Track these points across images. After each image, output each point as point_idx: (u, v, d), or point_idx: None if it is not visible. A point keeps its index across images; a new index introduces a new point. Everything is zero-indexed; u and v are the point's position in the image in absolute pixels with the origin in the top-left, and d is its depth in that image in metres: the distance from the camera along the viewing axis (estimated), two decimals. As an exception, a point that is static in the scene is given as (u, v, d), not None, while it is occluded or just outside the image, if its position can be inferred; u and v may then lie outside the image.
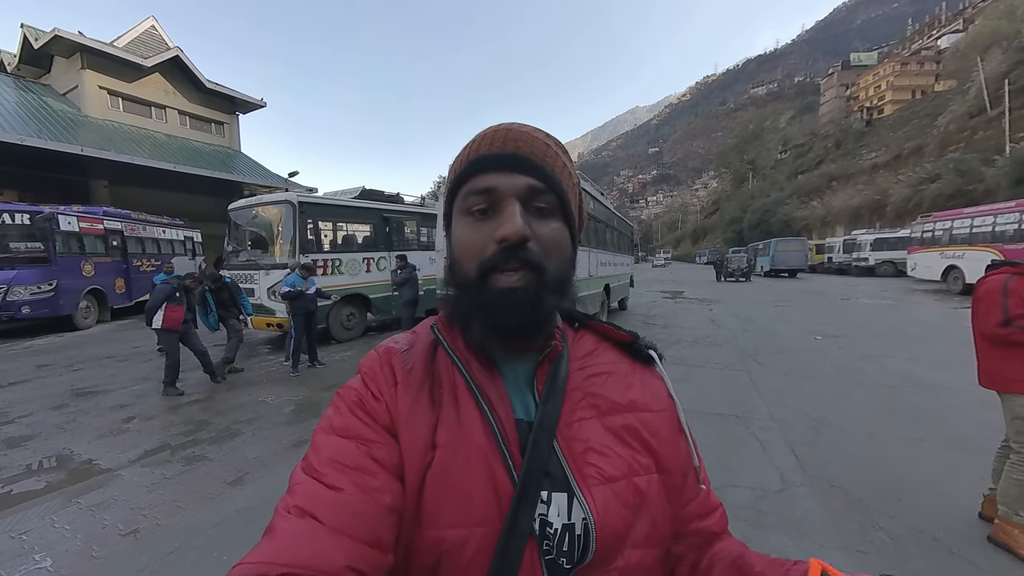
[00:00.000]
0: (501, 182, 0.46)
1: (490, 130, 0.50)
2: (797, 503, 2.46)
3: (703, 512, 0.53)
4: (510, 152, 0.47)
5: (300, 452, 3.34)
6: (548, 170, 0.48)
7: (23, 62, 16.57)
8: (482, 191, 0.47)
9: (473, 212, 0.47)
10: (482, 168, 0.47)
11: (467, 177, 0.48)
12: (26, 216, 8.64)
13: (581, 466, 0.46)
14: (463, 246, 0.48)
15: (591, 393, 0.50)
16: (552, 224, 0.48)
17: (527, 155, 0.47)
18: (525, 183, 0.46)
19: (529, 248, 0.45)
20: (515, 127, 0.49)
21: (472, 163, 0.48)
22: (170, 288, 4.87)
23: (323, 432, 0.46)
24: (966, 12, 64.72)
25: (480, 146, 0.49)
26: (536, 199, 0.47)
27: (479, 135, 0.50)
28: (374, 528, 0.40)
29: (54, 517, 2.52)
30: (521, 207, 0.46)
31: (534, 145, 0.48)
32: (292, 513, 0.39)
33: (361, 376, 0.51)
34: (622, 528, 0.45)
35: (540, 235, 0.46)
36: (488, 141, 0.48)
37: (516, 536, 0.42)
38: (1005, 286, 2.05)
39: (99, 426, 3.95)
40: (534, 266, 0.45)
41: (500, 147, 0.48)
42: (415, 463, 0.44)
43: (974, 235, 12.48)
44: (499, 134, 0.48)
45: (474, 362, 0.50)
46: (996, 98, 26.26)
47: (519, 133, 0.48)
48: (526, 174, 0.46)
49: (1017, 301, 2.01)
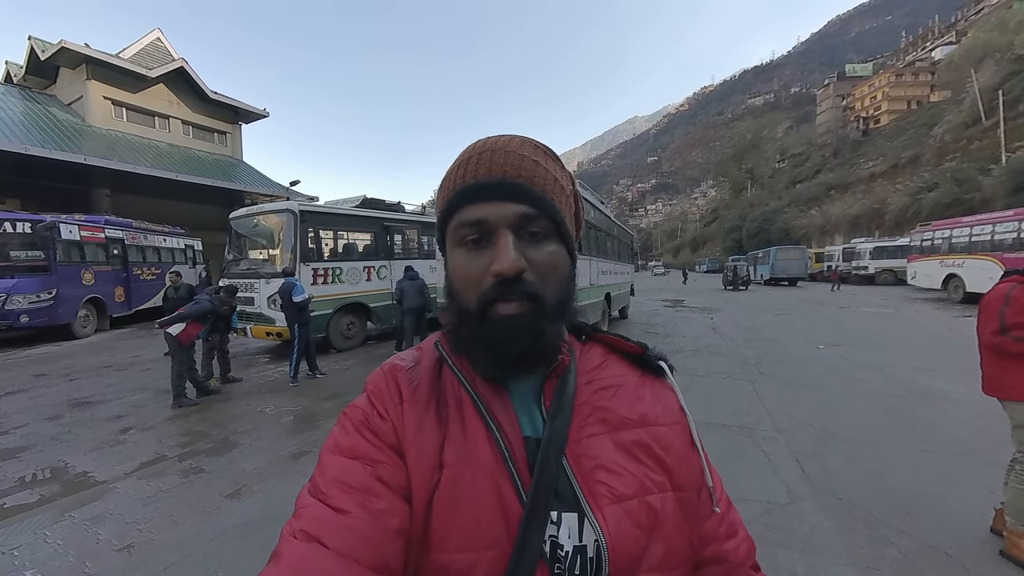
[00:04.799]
0: (491, 212, 0.45)
1: (475, 151, 0.48)
2: (805, 517, 2.42)
3: (723, 534, 0.50)
4: (498, 178, 0.45)
5: (299, 464, 3.30)
6: (539, 193, 0.46)
7: (30, 73, 16.79)
8: (472, 223, 0.45)
9: (466, 243, 0.46)
10: (471, 198, 0.46)
11: (457, 206, 0.47)
12: (27, 225, 8.66)
13: (591, 485, 0.44)
14: (460, 277, 0.47)
15: (600, 408, 0.49)
16: (547, 248, 0.47)
17: (516, 180, 0.46)
18: (516, 212, 0.45)
19: (525, 279, 0.44)
20: (500, 145, 0.47)
21: (459, 193, 0.47)
22: (210, 307, 4.96)
23: (329, 452, 0.46)
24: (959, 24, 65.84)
25: (467, 172, 0.47)
26: (529, 225, 0.46)
27: (464, 157, 0.48)
28: (382, 552, 0.39)
29: (47, 532, 2.47)
30: (513, 236, 0.45)
31: (523, 166, 0.46)
32: (298, 538, 0.39)
33: (367, 395, 0.50)
34: (636, 550, 0.43)
35: (535, 261, 0.45)
36: (475, 165, 0.47)
37: (526, 559, 0.41)
38: (1008, 294, 2.04)
39: (95, 437, 3.90)
40: (532, 296, 0.44)
41: (487, 173, 0.46)
42: (422, 483, 0.44)
43: (973, 243, 12.49)
44: (485, 156, 0.47)
45: (479, 379, 0.49)
46: (991, 109, 26.54)
47: (505, 154, 0.46)
48: (516, 201, 0.45)
49: (1016, 310, 2.00)
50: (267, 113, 21.54)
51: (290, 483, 3.00)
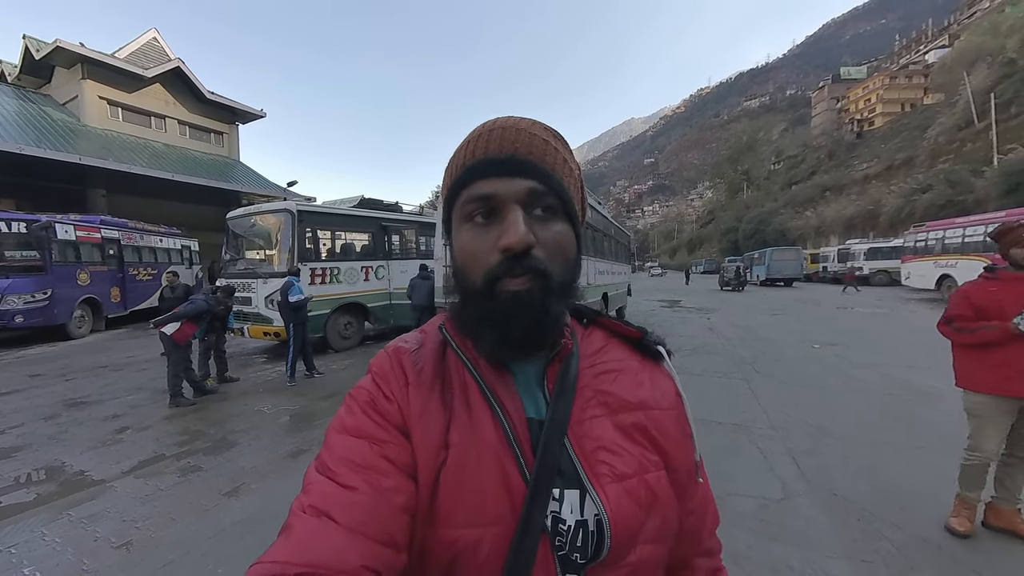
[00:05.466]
0: (501, 187, 0.45)
1: (486, 129, 0.48)
2: (800, 512, 2.45)
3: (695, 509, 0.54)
4: (508, 154, 0.46)
5: (298, 462, 3.30)
6: (549, 170, 0.46)
7: (24, 72, 16.68)
8: (482, 197, 0.45)
9: (474, 218, 0.46)
10: (481, 173, 0.46)
11: (466, 182, 0.47)
12: (23, 225, 8.60)
13: (593, 464, 0.46)
14: (466, 254, 0.47)
15: (601, 391, 0.50)
16: (555, 227, 0.47)
17: (526, 157, 0.46)
18: (526, 187, 0.45)
19: (534, 255, 0.44)
20: (511, 124, 0.48)
21: (470, 168, 0.47)
22: (205, 307, 4.93)
23: (336, 432, 0.46)
24: (952, 28, 66.46)
25: (477, 148, 0.47)
26: (538, 202, 0.46)
27: (475, 133, 0.48)
28: (388, 527, 0.40)
29: (44, 530, 2.46)
30: (523, 212, 0.45)
31: (533, 144, 0.46)
32: (307, 512, 0.39)
33: (372, 376, 0.51)
34: (635, 525, 0.45)
35: (544, 239, 0.45)
36: (485, 142, 0.47)
37: (530, 534, 0.42)
38: (963, 287, 2.18)
39: (92, 437, 3.89)
40: (540, 272, 0.45)
41: (497, 149, 0.46)
42: (428, 463, 0.45)
43: (966, 244, 12.62)
44: (495, 133, 0.47)
45: (484, 362, 0.50)
46: (983, 111, 26.83)
47: (516, 132, 0.47)
48: (527, 177, 0.45)
49: (957, 302, 2.14)
50: (264, 113, 21.47)
51: (289, 481, 3.00)
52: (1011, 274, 2.06)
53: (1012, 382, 2.00)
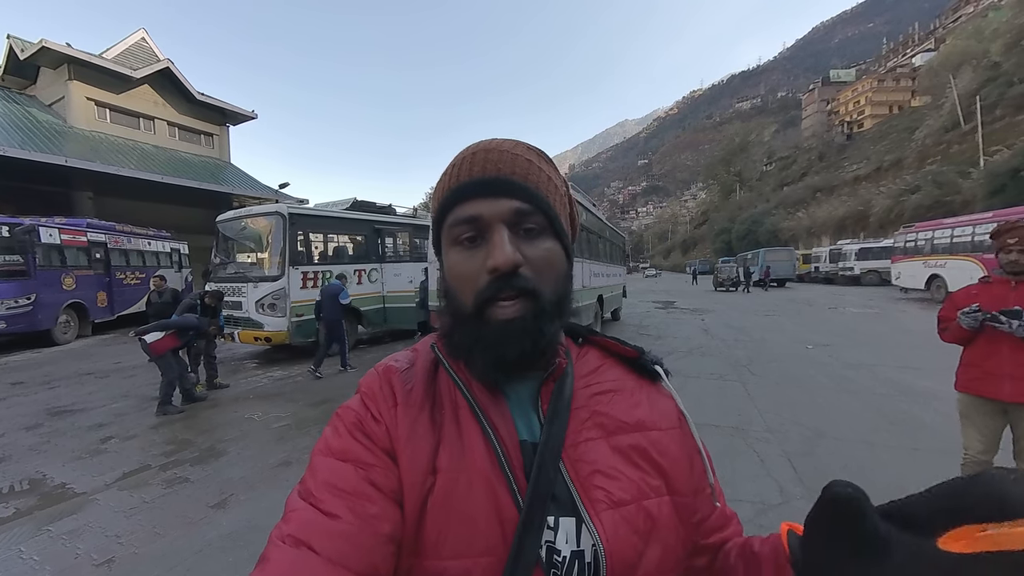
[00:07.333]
0: (485, 209, 0.45)
1: (469, 152, 0.48)
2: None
3: (721, 524, 0.53)
4: (491, 176, 0.46)
5: (287, 472, 3.23)
6: (533, 189, 0.46)
7: (8, 73, 16.34)
8: (468, 219, 0.46)
9: (461, 241, 0.47)
10: (465, 195, 0.46)
11: (451, 206, 0.47)
12: (5, 228, 8.42)
13: (589, 489, 0.44)
14: (455, 277, 0.47)
15: (597, 412, 0.48)
16: (543, 244, 0.47)
17: (510, 177, 0.46)
18: (510, 207, 0.45)
19: (521, 274, 0.44)
20: (494, 146, 0.48)
21: (454, 191, 0.47)
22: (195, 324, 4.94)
23: (321, 454, 0.45)
24: (937, 32, 67.80)
25: (461, 171, 0.47)
26: (524, 221, 0.46)
27: (458, 159, 0.49)
28: (372, 558, 0.38)
29: (22, 547, 2.37)
30: (509, 232, 0.45)
31: (516, 164, 0.47)
32: (287, 543, 0.38)
33: (360, 396, 0.49)
34: (632, 555, 0.43)
35: (531, 258, 0.45)
36: (469, 164, 0.47)
37: (522, 565, 0.40)
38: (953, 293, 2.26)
39: (75, 447, 3.78)
40: (529, 292, 0.44)
41: (481, 171, 0.46)
42: (415, 488, 0.43)
43: (955, 245, 12.81)
44: (479, 156, 0.47)
45: (476, 382, 0.49)
46: (969, 113, 27.34)
47: (499, 153, 0.47)
48: (511, 197, 0.45)
49: (946, 306, 2.23)
50: (255, 115, 21.27)
51: (278, 492, 2.92)
52: (997, 277, 2.11)
53: (978, 382, 2.10)
